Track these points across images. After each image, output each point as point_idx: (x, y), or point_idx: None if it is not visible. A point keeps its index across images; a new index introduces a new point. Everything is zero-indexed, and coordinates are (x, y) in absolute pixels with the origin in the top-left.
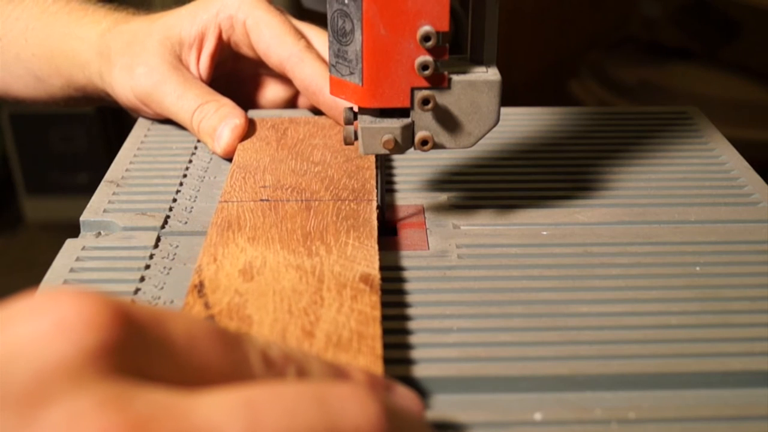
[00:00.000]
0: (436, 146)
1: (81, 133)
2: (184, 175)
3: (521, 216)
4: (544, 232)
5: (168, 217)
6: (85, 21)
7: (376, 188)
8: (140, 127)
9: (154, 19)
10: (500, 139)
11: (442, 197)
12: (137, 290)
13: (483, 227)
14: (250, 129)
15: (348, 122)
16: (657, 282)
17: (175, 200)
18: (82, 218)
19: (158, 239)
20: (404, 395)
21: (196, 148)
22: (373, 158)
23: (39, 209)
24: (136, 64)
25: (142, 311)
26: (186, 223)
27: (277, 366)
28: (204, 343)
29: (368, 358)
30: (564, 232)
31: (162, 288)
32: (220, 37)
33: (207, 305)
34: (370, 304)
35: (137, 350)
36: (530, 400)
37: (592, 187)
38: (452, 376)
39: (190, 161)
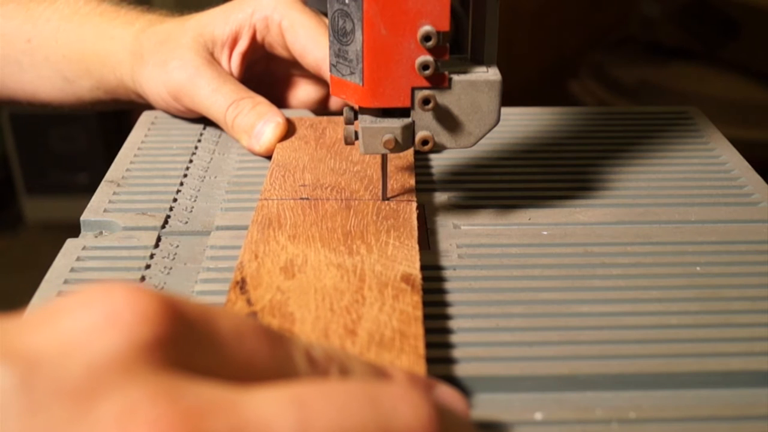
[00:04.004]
0: (437, 146)
1: (81, 133)
2: (185, 175)
3: (521, 216)
4: (545, 232)
5: (168, 216)
6: (117, 22)
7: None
8: (140, 127)
9: (188, 19)
10: (500, 139)
11: (443, 197)
12: None
13: (483, 227)
14: (289, 128)
15: (348, 122)
16: (657, 282)
17: (175, 200)
18: (82, 218)
19: (159, 239)
20: (449, 394)
21: (196, 148)
22: (412, 159)
23: (39, 209)
24: (170, 58)
25: (191, 306)
26: (186, 222)
27: (320, 365)
28: (251, 339)
29: (411, 357)
30: (564, 232)
31: (163, 288)
32: (254, 38)
33: (249, 302)
34: (412, 304)
35: (187, 344)
36: (530, 400)
37: (592, 187)
38: (452, 376)
39: (191, 161)
